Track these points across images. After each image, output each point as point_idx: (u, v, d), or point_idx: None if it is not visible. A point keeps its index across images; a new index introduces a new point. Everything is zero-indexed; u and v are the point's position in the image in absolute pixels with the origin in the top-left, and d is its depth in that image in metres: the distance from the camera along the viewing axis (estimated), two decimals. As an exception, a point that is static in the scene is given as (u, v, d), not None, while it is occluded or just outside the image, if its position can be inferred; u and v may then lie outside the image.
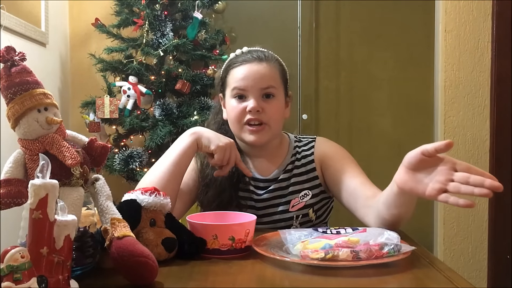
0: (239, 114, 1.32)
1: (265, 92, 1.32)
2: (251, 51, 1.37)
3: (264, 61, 1.34)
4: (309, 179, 1.39)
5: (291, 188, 1.38)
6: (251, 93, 1.31)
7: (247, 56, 1.35)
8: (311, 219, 1.37)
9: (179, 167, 1.26)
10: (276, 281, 0.91)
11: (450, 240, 2.76)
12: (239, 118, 1.32)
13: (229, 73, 1.36)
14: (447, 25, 2.74)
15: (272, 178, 1.39)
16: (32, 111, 0.85)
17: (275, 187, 1.38)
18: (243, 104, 1.31)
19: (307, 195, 1.36)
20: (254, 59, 1.33)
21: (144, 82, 2.43)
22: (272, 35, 2.76)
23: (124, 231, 0.85)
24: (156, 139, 2.32)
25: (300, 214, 1.35)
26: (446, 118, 2.75)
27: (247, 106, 1.30)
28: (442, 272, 0.93)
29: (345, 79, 2.85)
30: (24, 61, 0.88)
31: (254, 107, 1.29)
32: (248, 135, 1.32)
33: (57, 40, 2.64)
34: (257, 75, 1.31)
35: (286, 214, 1.36)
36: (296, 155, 1.41)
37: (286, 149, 1.43)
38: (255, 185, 1.38)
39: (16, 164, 0.86)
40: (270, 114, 1.31)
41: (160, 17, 2.44)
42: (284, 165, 1.40)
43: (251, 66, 1.32)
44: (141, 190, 1.02)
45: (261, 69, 1.32)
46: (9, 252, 0.67)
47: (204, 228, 1.04)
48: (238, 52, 1.38)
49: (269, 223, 1.36)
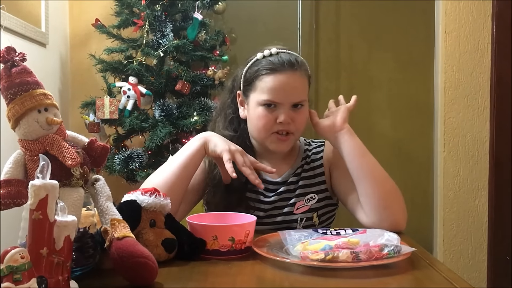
0: (268, 124, 1.30)
1: (296, 103, 1.31)
2: (281, 54, 1.31)
3: (297, 70, 1.30)
4: (316, 183, 1.39)
5: (298, 190, 1.37)
6: (282, 106, 1.29)
7: (278, 60, 1.29)
8: (314, 223, 1.37)
9: (186, 170, 1.25)
10: (276, 282, 0.91)
11: (449, 241, 2.76)
12: (268, 127, 1.30)
13: (258, 78, 1.30)
14: (447, 26, 2.74)
15: (282, 181, 1.39)
16: (32, 111, 0.85)
17: (283, 190, 1.37)
18: (272, 114, 1.29)
19: (312, 199, 1.36)
20: (288, 66, 1.29)
21: (144, 83, 2.43)
22: (272, 35, 2.75)
23: (124, 231, 0.85)
24: (156, 139, 2.32)
25: (304, 217, 1.35)
26: (446, 119, 2.75)
27: (277, 117, 1.29)
28: (442, 273, 0.93)
29: (345, 80, 2.85)
30: (24, 61, 0.88)
31: (286, 120, 1.28)
32: (274, 143, 1.32)
33: (57, 41, 2.64)
34: (291, 88, 1.29)
35: (290, 216, 1.36)
36: (306, 158, 1.42)
37: (297, 152, 1.44)
38: (265, 187, 1.36)
39: (16, 164, 0.86)
40: (298, 124, 1.31)
41: (160, 17, 2.44)
42: (295, 168, 1.40)
43: (284, 77, 1.28)
44: (141, 190, 1.02)
45: (294, 82, 1.30)
46: (9, 253, 0.67)
47: (204, 229, 1.04)
48: (266, 53, 1.32)
49: (272, 224, 1.35)
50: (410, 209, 1.32)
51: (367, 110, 2.85)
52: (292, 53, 1.35)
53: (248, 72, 1.34)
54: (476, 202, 2.75)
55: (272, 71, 1.29)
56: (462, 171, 2.75)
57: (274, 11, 2.83)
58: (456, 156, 2.74)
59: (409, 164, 2.80)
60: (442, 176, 2.74)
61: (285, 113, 1.28)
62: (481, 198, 2.75)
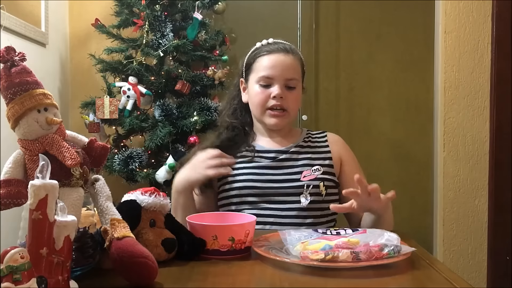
0: (263, 100, 1.45)
1: (289, 83, 1.45)
2: (277, 43, 1.51)
3: (290, 53, 1.47)
4: (321, 158, 1.47)
5: (302, 161, 1.46)
6: (276, 81, 1.44)
7: (274, 46, 1.48)
8: (321, 192, 1.40)
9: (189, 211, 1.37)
10: (276, 282, 0.91)
11: (449, 241, 2.75)
12: (263, 103, 1.45)
13: (256, 60, 1.48)
14: (447, 26, 2.74)
15: (284, 150, 1.48)
16: (32, 111, 0.85)
17: (286, 157, 1.46)
18: (267, 90, 1.44)
19: (318, 170, 1.43)
20: (281, 50, 1.47)
21: (144, 83, 2.43)
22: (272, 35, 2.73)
23: (124, 231, 0.85)
24: (156, 139, 2.32)
25: (311, 185, 1.40)
26: (446, 119, 2.75)
27: (271, 92, 1.44)
28: (442, 273, 0.93)
29: (345, 80, 2.85)
30: (24, 61, 0.88)
31: (279, 94, 1.43)
32: (269, 118, 1.46)
33: (57, 41, 2.64)
34: (284, 65, 1.45)
35: (296, 182, 1.41)
36: (309, 138, 1.54)
37: (299, 133, 1.57)
38: (267, 157, 1.47)
39: (16, 164, 0.86)
40: (290, 102, 1.46)
41: (160, 17, 2.44)
42: (297, 143, 1.51)
43: (279, 56, 1.46)
44: (141, 190, 1.02)
45: (287, 60, 1.46)
46: (9, 253, 0.67)
47: (204, 228, 1.04)
48: (264, 42, 1.52)
49: (280, 188, 1.40)
50: (410, 209, 1.33)
51: (367, 110, 2.85)
52: (289, 43, 1.52)
53: (247, 59, 1.53)
54: (476, 202, 2.75)
55: (268, 52, 1.47)
56: (462, 171, 2.75)
57: (274, 11, 2.83)
58: (456, 156, 2.74)
59: (409, 164, 2.80)
60: (442, 176, 2.74)
61: (278, 88, 1.43)
62: (481, 198, 2.75)
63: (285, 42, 1.52)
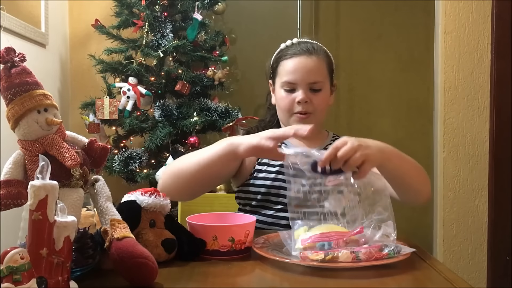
0: (288, 105, 1.43)
1: (313, 86, 1.42)
2: (301, 43, 1.47)
3: (313, 54, 1.43)
4: None
5: None
6: (299, 86, 1.41)
7: (297, 48, 1.45)
8: None
9: (210, 170, 1.25)
10: (276, 282, 0.91)
11: (449, 241, 2.76)
12: (289, 108, 1.43)
13: (279, 64, 1.46)
14: (447, 26, 2.74)
15: None
16: (32, 112, 0.85)
17: None
18: (292, 95, 1.42)
19: None
20: (304, 52, 1.43)
21: (144, 83, 2.43)
22: (272, 36, 2.75)
23: (124, 232, 0.85)
24: (156, 140, 2.32)
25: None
26: (445, 119, 2.75)
27: (295, 97, 1.41)
28: (442, 273, 0.93)
29: (345, 80, 2.85)
30: (24, 62, 0.88)
31: (303, 99, 1.40)
32: (295, 122, 1.43)
33: (57, 41, 2.64)
34: (306, 69, 1.41)
35: None
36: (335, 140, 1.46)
37: (326, 135, 1.55)
38: None
39: (16, 165, 0.86)
40: (316, 104, 1.42)
41: (160, 18, 2.44)
42: (323, 146, 1.49)
43: (300, 60, 1.42)
44: (141, 191, 1.02)
45: (309, 63, 1.42)
46: (9, 253, 0.67)
47: (204, 229, 1.04)
48: (288, 43, 1.49)
49: None
50: (410, 209, 1.33)
51: (367, 110, 2.85)
52: (311, 41, 1.49)
53: (272, 61, 1.51)
54: (476, 202, 2.75)
55: (290, 55, 1.44)
56: (462, 171, 2.75)
57: (274, 11, 2.83)
58: (456, 156, 2.74)
59: (409, 164, 2.80)
60: (442, 176, 2.74)
61: (302, 93, 1.40)
62: (481, 198, 2.75)
63: (309, 41, 1.48)
